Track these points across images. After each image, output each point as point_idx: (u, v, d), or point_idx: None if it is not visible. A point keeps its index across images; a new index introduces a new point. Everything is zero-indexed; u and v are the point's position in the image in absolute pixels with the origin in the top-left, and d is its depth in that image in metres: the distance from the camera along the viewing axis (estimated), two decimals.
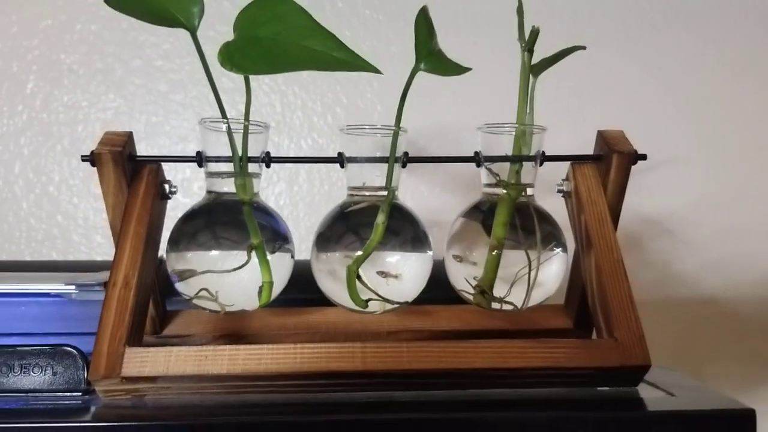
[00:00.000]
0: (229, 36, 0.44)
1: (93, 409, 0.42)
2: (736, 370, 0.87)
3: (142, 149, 0.81)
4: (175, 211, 0.51)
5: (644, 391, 0.45)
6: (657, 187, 0.84)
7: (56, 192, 0.82)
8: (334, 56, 0.41)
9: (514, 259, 0.49)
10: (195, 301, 0.48)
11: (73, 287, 0.55)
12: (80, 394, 0.44)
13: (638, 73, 0.85)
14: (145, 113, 0.82)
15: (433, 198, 0.83)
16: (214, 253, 0.47)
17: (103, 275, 0.59)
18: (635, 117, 0.85)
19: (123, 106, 0.82)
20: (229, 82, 0.77)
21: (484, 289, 0.50)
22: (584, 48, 0.49)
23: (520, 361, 0.43)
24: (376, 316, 0.52)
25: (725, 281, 0.86)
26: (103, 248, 0.82)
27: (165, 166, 0.51)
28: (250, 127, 0.47)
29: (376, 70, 0.41)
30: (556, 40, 0.49)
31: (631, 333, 0.44)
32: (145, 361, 0.42)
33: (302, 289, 0.50)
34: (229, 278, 0.47)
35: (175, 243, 0.48)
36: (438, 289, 0.51)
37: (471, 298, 0.51)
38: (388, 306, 0.49)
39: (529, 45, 0.49)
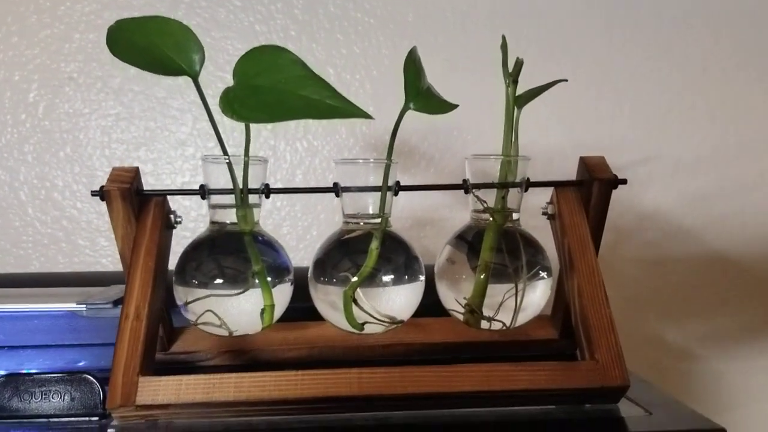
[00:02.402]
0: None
1: None
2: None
3: (142, 155, 0.84)
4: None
5: (624, 407, 0.48)
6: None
7: (60, 197, 0.84)
8: (330, 104, 0.43)
9: (500, 284, 0.52)
10: (202, 327, 0.51)
11: (84, 307, 0.58)
12: (97, 418, 0.47)
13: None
14: (144, 119, 0.85)
15: (426, 196, 0.85)
16: (218, 281, 0.50)
17: (113, 291, 0.63)
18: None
19: (123, 112, 0.84)
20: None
21: (474, 309, 0.53)
22: (566, 80, 0.52)
23: (506, 383, 0.47)
24: (372, 337, 0.56)
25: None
26: (107, 251, 0.85)
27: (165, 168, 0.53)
28: (250, 161, 0.49)
29: (368, 116, 0.44)
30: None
31: (611, 355, 0.48)
32: (158, 389, 0.45)
33: (301, 298, 0.53)
34: (233, 304, 0.50)
35: (181, 274, 0.50)
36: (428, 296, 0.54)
37: (461, 317, 0.54)
38: (383, 328, 0.52)
39: (513, 76, 0.51)
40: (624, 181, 0.52)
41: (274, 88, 0.44)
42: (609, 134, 0.88)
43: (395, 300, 0.51)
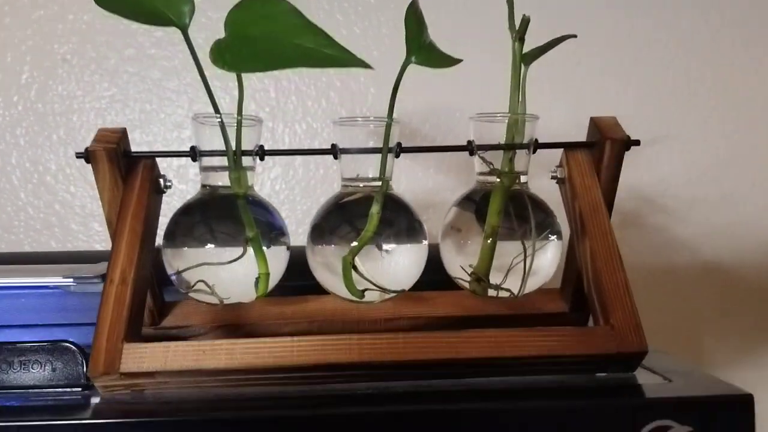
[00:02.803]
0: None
1: (92, 405, 0.42)
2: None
3: (137, 137, 0.82)
4: (172, 197, 0.51)
5: (641, 376, 0.46)
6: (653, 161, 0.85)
7: (53, 181, 0.82)
8: (326, 53, 0.41)
9: (509, 247, 0.49)
10: (192, 295, 0.48)
11: (71, 280, 0.55)
12: (80, 389, 0.44)
13: (629, 56, 0.85)
14: (139, 101, 0.82)
15: (428, 179, 0.83)
16: (210, 247, 0.48)
17: (101, 267, 0.60)
18: (629, 99, 0.85)
19: (117, 94, 0.82)
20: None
21: (480, 277, 0.50)
22: (575, 36, 0.49)
23: (515, 349, 0.44)
24: (373, 304, 0.53)
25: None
26: (101, 236, 0.82)
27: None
28: (243, 121, 0.47)
29: (368, 66, 0.41)
30: (545, 29, 0.49)
31: (627, 319, 0.45)
32: (143, 356, 0.42)
33: (300, 276, 0.50)
34: (225, 271, 0.48)
35: (171, 238, 0.48)
36: (434, 273, 0.52)
37: (467, 285, 0.51)
38: (385, 295, 0.49)
39: (520, 34, 0.49)
40: (637, 142, 0.50)
41: (269, 37, 0.41)
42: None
43: (397, 266, 0.49)
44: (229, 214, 0.48)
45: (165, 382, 0.43)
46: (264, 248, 0.48)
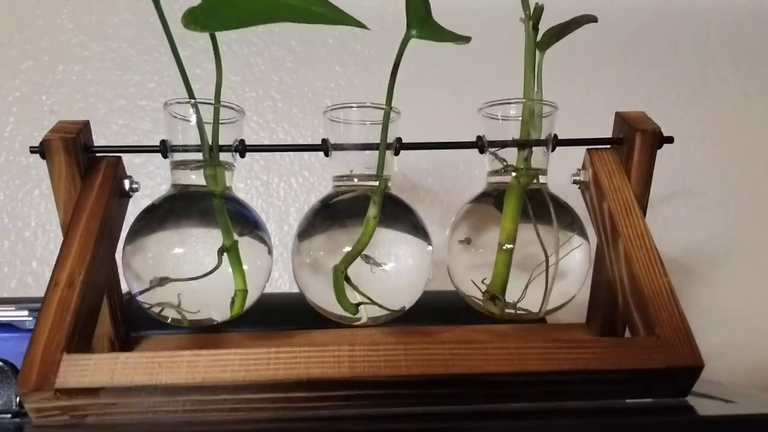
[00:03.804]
0: None
1: None
2: None
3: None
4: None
5: (695, 403, 0.37)
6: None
7: (32, 237, 0.76)
8: (314, 10, 0.36)
9: (528, 257, 0.42)
10: (155, 310, 0.41)
11: (26, 313, 0.48)
12: (9, 416, 0.36)
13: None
14: (128, 154, 0.77)
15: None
16: (178, 252, 0.41)
17: None
18: None
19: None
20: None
21: (495, 294, 0.42)
22: (595, 20, 0.44)
23: (543, 363, 0.36)
24: (369, 337, 0.45)
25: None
26: None
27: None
28: (223, 110, 0.41)
29: (362, 25, 0.36)
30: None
31: (675, 329, 0.37)
32: (85, 369, 0.34)
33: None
34: (195, 288, 0.40)
35: (131, 242, 0.41)
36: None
37: (480, 304, 0.43)
38: (382, 315, 0.41)
39: (534, 20, 0.44)
40: (670, 139, 0.43)
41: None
42: None
43: (399, 278, 0.41)
44: (202, 216, 0.42)
45: (112, 404, 0.35)
46: (236, 237, 0.41)
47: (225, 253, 0.41)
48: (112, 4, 0.78)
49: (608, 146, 0.45)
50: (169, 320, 0.41)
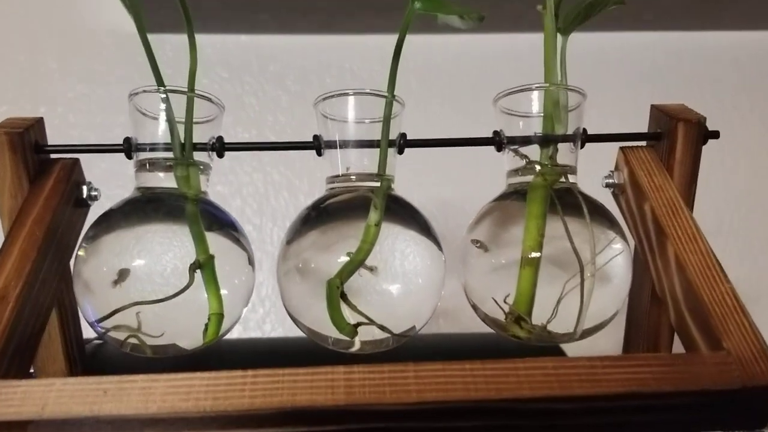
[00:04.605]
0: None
1: None
2: None
3: None
4: None
5: None
6: None
7: None
8: None
9: (558, 266, 0.35)
10: (112, 335, 0.34)
11: None
12: None
13: None
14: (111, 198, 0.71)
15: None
16: (139, 264, 0.34)
17: None
18: None
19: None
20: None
21: (521, 315, 0.35)
22: (622, 2, 0.39)
23: (588, 386, 0.28)
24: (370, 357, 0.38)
25: None
26: None
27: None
28: (196, 99, 0.35)
29: None
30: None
31: (747, 341, 0.30)
32: (11, 398, 0.27)
33: None
34: (160, 312, 0.34)
35: (84, 252, 0.34)
36: None
37: (503, 328, 0.36)
38: (385, 341, 0.34)
39: (554, 9, 0.38)
40: (716, 134, 0.38)
41: None
42: None
43: (406, 296, 0.35)
44: (170, 224, 0.35)
45: None
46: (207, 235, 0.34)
47: (198, 270, 0.35)
48: (99, 45, 0.74)
49: (643, 143, 0.39)
50: (129, 348, 0.34)
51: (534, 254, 0.35)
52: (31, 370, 0.34)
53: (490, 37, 0.75)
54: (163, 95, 0.35)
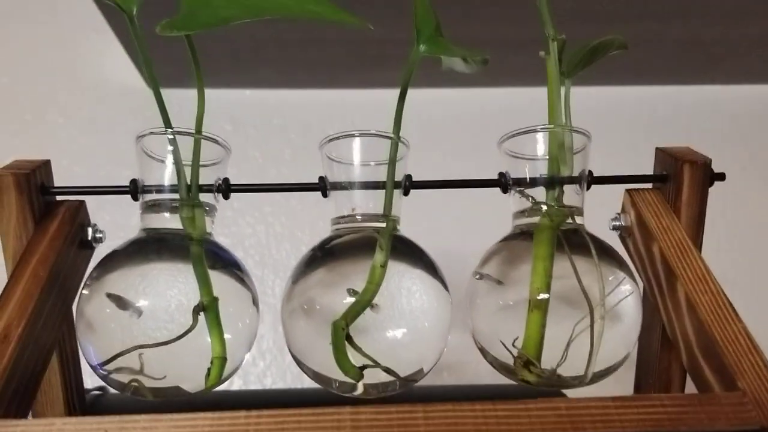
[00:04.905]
0: None
1: None
2: None
3: None
4: None
5: None
6: None
7: None
8: (308, 8, 0.31)
9: (567, 306, 0.35)
10: (113, 377, 0.33)
11: None
12: None
13: None
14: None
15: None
16: (143, 306, 0.33)
17: None
18: None
19: None
20: None
21: (530, 359, 0.35)
22: (625, 46, 0.39)
23: (601, 427, 0.28)
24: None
25: None
26: None
27: None
28: (203, 144, 0.36)
29: (360, 23, 0.31)
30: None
31: (763, 381, 0.29)
32: None
33: None
34: (162, 355, 0.33)
35: (88, 291, 0.34)
36: None
37: (512, 373, 0.35)
38: (391, 383, 0.34)
39: (558, 49, 0.39)
40: (722, 176, 0.38)
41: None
42: None
43: (413, 339, 0.34)
44: (173, 267, 0.35)
45: None
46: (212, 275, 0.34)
47: (202, 313, 0.34)
48: (103, 99, 0.75)
49: (649, 186, 0.39)
50: (131, 391, 0.33)
51: (542, 296, 0.35)
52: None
53: (492, 92, 0.76)
54: (171, 136, 0.35)
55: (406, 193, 0.37)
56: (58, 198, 0.37)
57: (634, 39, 0.40)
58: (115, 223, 0.59)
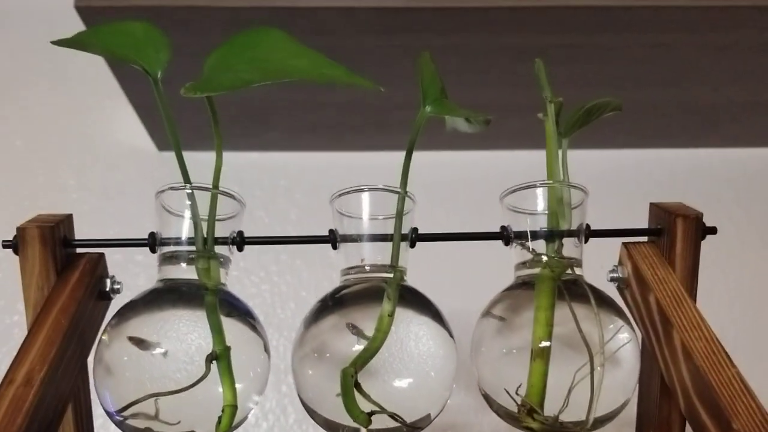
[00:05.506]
0: None
1: None
2: None
3: None
4: None
5: None
6: None
7: None
8: (325, 72, 0.33)
9: (569, 350, 0.36)
10: (129, 422, 0.34)
11: None
12: None
13: None
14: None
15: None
16: (158, 355, 0.35)
17: None
18: None
19: None
20: None
21: (533, 407, 0.36)
22: (620, 108, 0.42)
23: None
24: None
25: None
26: None
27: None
28: (220, 196, 0.38)
29: (371, 85, 0.33)
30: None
31: (757, 423, 0.30)
32: None
33: None
34: (175, 401, 0.34)
35: (107, 337, 0.35)
36: None
37: (516, 421, 0.36)
38: (395, 426, 0.35)
39: (555, 110, 0.41)
40: (713, 230, 0.39)
41: (254, 61, 0.34)
42: None
43: (419, 386, 0.35)
44: (188, 317, 0.36)
45: None
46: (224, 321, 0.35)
47: (214, 361, 0.36)
48: (114, 162, 0.77)
49: (644, 239, 0.41)
50: None
51: (544, 344, 0.36)
52: None
53: (492, 155, 0.79)
54: (189, 191, 0.37)
55: (412, 245, 0.39)
56: (78, 251, 0.39)
57: (632, 104, 0.42)
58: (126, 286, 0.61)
